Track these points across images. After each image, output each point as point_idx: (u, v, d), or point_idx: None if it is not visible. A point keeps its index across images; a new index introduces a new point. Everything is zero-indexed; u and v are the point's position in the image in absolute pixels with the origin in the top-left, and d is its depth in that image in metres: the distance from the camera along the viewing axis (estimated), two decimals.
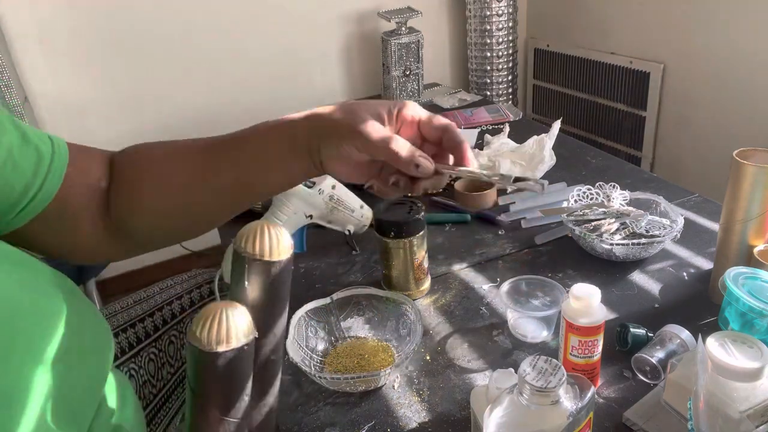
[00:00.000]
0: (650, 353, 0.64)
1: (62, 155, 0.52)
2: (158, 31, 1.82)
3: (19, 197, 0.49)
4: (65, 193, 0.52)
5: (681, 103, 1.82)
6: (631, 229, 0.88)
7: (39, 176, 0.50)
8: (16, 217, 0.50)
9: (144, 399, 0.74)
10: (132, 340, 0.77)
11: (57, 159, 0.52)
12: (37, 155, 0.50)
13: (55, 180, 0.51)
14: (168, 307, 0.83)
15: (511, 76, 2.15)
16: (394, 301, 0.76)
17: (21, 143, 0.49)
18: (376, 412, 0.66)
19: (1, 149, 0.47)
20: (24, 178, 0.49)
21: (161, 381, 0.77)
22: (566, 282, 0.84)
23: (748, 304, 0.62)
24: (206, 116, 1.94)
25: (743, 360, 0.51)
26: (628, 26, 1.92)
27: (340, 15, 2.04)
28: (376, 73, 2.09)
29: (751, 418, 0.50)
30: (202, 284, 0.88)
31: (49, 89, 1.74)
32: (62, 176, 0.52)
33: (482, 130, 1.48)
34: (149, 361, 0.77)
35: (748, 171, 0.68)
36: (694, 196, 1.05)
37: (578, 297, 0.61)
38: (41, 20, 1.68)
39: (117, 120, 1.84)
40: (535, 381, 0.42)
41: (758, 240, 0.72)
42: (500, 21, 2.00)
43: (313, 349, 0.73)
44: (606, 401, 0.63)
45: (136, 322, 0.79)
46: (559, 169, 1.19)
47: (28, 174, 0.49)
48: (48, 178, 0.50)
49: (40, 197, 0.50)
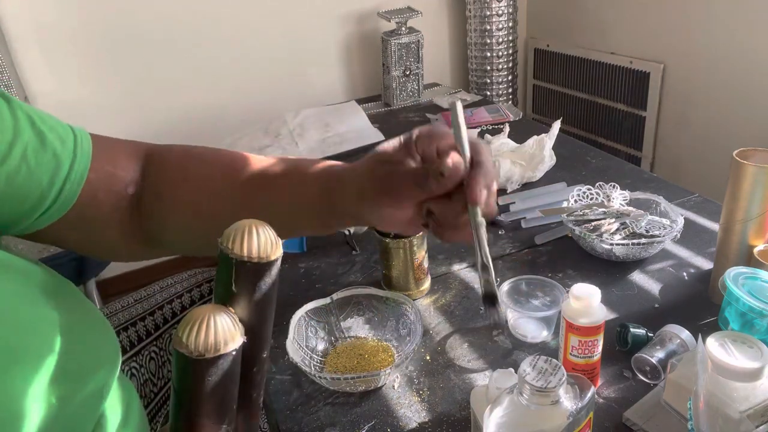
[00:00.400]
0: (650, 353, 0.64)
1: (83, 159, 0.49)
2: (159, 32, 1.82)
3: (34, 205, 0.46)
4: (86, 200, 0.49)
5: (681, 103, 1.82)
6: (631, 229, 0.88)
7: (56, 185, 0.47)
8: (34, 222, 0.48)
9: (145, 397, 0.74)
10: (133, 338, 0.77)
11: (77, 164, 0.48)
12: (54, 162, 0.47)
13: (74, 188, 0.48)
14: (168, 306, 0.83)
15: (511, 76, 2.15)
16: (394, 301, 0.76)
17: (38, 147, 0.46)
18: (376, 412, 0.66)
19: (15, 155, 0.44)
20: (39, 186, 0.46)
21: (162, 379, 0.77)
22: (566, 282, 0.84)
23: (748, 304, 0.62)
24: (207, 116, 1.94)
25: (743, 360, 0.51)
26: (628, 26, 1.92)
27: (340, 15, 2.04)
28: (376, 73, 2.09)
29: (751, 418, 0.50)
30: (202, 283, 0.88)
31: (49, 89, 1.74)
32: (81, 184, 0.49)
33: (482, 130, 1.48)
34: (150, 359, 0.77)
35: (748, 171, 0.68)
36: (694, 196, 1.05)
37: (578, 297, 0.61)
38: (41, 20, 1.68)
39: (117, 120, 1.84)
40: (535, 381, 0.42)
41: (758, 240, 0.72)
42: (500, 21, 2.00)
43: (313, 349, 0.73)
44: (606, 401, 0.63)
45: (136, 320, 0.79)
46: (559, 169, 1.19)
47: (43, 182, 0.46)
48: (66, 187, 0.47)
49: (57, 206, 0.48)
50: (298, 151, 1.42)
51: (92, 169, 0.50)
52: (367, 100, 1.90)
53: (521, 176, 1.14)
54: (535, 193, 1.12)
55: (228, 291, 0.37)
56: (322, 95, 2.08)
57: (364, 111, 1.66)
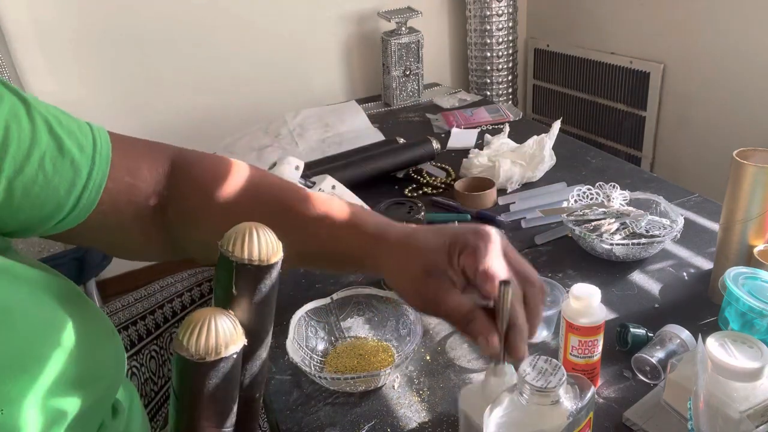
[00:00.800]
0: (650, 353, 0.64)
1: (102, 166, 0.48)
2: (159, 31, 1.82)
3: (51, 213, 0.45)
4: (106, 208, 0.48)
5: (681, 103, 1.82)
6: (631, 229, 0.88)
7: (73, 194, 0.46)
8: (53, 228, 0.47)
9: (145, 396, 0.74)
10: (133, 337, 0.77)
11: (96, 172, 0.47)
12: (72, 171, 0.45)
13: (92, 197, 0.47)
14: (169, 305, 0.83)
15: (511, 76, 2.15)
16: (394, 301, 0.76)
17: (56, 155, 0.44)
18: (376, 412, 0.66)
19: (32, 164, 0.43)
20: (56, 195, 0.45)
21: (162, 378, 0.77)
22: (566, 282, 0.84)
23: (748, 304, 0.62)
24: (207, 116, 1.94)
25: (743, 360, 0.51)
26: (628, 26, 1.92)
27: (340, 15, 2.04)
28: (376, 73, 2.09)
29: (751, 418, 0.50)
30: (202, 282, 0.88)
31: (49, 89, 1.74)
32: (99, 194, 0.47)
33: (482, 130, 1.48)
34: (150, 358, 0.77)
35: (748, 171, 0.68)
36: (694, 196, 1.05)
37: (578, 297, 0.61)
38: (41, 20, 1.68)
39: (117, 120, 1.84)
40: (535, 381, 0.42)
41: (758, 240, 0.72)
42: (500, 21, 2.00)
43: (313, 349, 0.73)
44: (606, 401, 0.63)
45: (137, 319, 0.79)
46: (559, 169, 1.19)
47: (61, 191, 0.45)
48: (84, 195, 0.46)
49: (75, 214, 0.47)
50: (298, 151, 1.42)
51: (111, 178, 0.48)
52: (367, 100, 1.90)
53: (521, 176, 1.14)
54: (535, 193, 1.12)
55: (228, 294, 0.37)
56: (322, 95, 2.08)
57: (364, 111, 1.66)
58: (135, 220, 0.52)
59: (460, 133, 1.47)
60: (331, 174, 0.99)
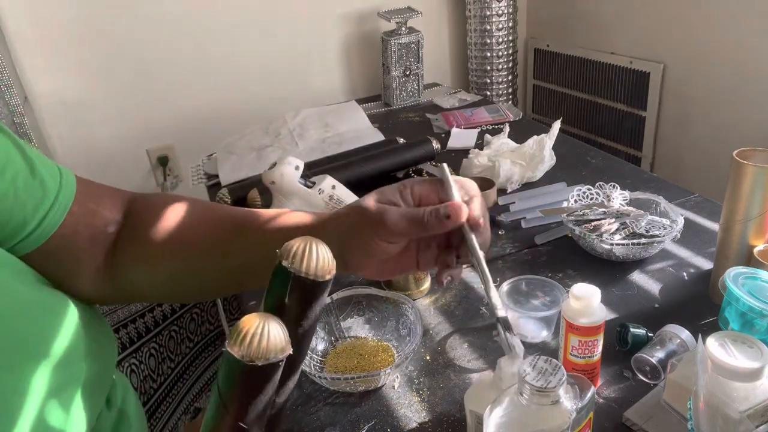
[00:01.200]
0: (650, 353, 0.64)
1: (68, 192, 0.50)
2: (159, 31, 1.82)
3: (16, 230, 0.47)
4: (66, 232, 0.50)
5: (681, 103, 1.82)
6: (631, 229, 0.88)
7: (39, 212, 0.48)
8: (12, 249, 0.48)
9: (145, 394, 0.74)
10: (132, 335, 0.77)
11: (62, 196, 0.49)
12: (41, 191, 0.48)
13: (56, 218, 0.49)
14: (168, 303, 0.83)
15: (511, 76, 2.15)
16: (394, 301, 0.76)
17: (28, 176, 0.47)
18: (376, 412, 0.66)
19: (6, 179, 0.45)
20: (23, 212, 0.47)
21: (162, 376, 0.77)
22: (566, 282, 0.84)
23: (748, 304, 0.62)
24: (207, 116, 1.94)
25: (743, 360, 0.51)
26: (628, 26, 1.92)
27: (340, 15, 2.04)
28: (376, 73, 2.09)
29: (751, 418, 0.50)
30: None
31: (49, 89, 1.74)
32: (64, 214, 0.49)
33: (482, 130, 1.48)
34: (150, 356, 0.77)
35: (748, 171, 0.68)
36: (694, 196, 1.05)
37: (578, 297, 0.61)
38: (41, 20, 1.68)
39: (117, 120, 1.84)
40: (535, 381, 0.42)
41: (758, 240, 0.72)
42: (500, 21, 2.00)
43: (313, 349, 0.73)
44: (606, 401, 0.63)
45: (136, 317, 0.79)
46: (559, 169, 1.19)
47: (28, 209, 0.47)
48: (48, 215, 0.48)
49: (37, 234, 0.48)
50: (298, 151, 1.42)
51: (76, 202, 0.51)
52: (367, 100, 1.90)
53: (521, 176, 1.14)
54: (535, 193, 1.12)
55: (280, 302, 0.39)
56: (322, 95, 2.08)
57: (364, 111, 1.66)
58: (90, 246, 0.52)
59: (460, 133, 1.47)
60: (331, 174, 0.99)
